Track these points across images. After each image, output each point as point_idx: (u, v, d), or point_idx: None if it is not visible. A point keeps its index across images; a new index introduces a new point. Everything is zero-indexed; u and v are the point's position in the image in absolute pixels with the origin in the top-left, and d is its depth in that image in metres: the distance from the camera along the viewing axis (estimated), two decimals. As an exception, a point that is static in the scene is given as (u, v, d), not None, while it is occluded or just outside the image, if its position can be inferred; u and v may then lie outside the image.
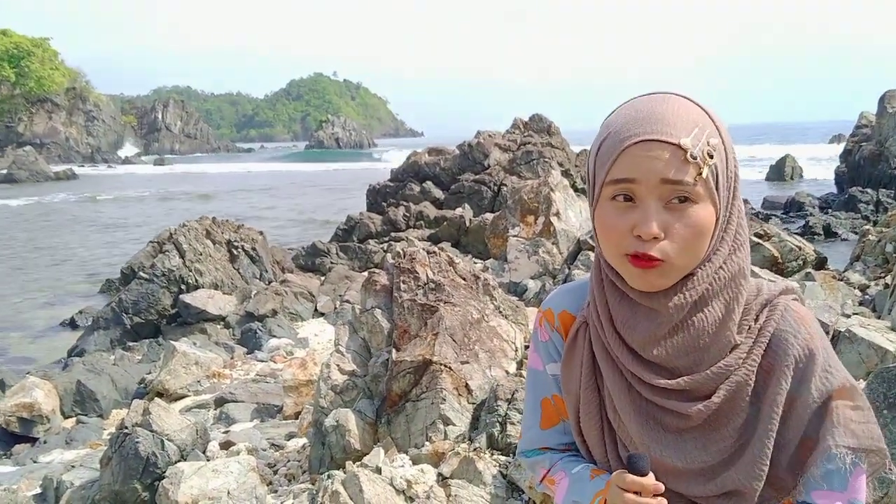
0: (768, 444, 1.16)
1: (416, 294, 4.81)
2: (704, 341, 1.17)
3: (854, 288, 7.45)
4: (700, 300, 1.17)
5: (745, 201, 24.43)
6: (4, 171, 54.96)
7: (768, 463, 1.17)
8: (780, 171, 36.37)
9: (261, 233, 14.85)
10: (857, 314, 5.99)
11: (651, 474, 1.14)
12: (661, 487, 1.13)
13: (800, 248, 7.81)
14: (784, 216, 22.20)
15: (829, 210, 22.26)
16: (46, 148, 75.54)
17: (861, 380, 4.57)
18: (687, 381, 1.18)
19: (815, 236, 18.10)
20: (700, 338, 1.17)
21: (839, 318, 5.67)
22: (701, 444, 1.18)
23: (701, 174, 1.11)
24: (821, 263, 8.28)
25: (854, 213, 20.98)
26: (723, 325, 1.18)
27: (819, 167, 37.59)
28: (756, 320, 1.21)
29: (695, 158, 1.10)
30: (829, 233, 18.83)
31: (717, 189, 1.14)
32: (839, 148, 32.18)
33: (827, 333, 5.04)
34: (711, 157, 1.12)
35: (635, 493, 1.14)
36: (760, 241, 7.40)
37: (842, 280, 7.55)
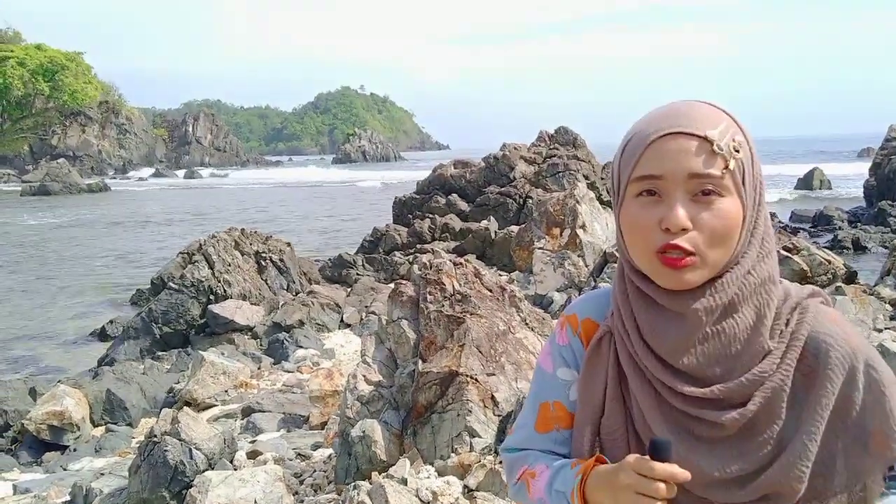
0: (811, 447, 1.13)
1: (443, 305, 4.82)
2: (736, 349, 1.16)
3: (885, 302, 7.36)
4: (730, 306, 1.16)
5: (773, 215, 24.25)
6: (38, 184, 55.91)
7: (810, 464, 1.14)
8: (808, 184, 36.08)
9: (288, 244, 14.97)
10: (888, 329, 5.92)
11: (675, 464, 1.10)
12: (689, 476, 1.09)
13: (829, 262, 7.73)
14: (812, 230, 21.98)
15: (859, 224, 21.98)
16: (79, 160, 76.67)
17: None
18: (721, 390, 1.16)
19: (844, 250, 17.87)
20: (732, 345, 1.15)
21: (871, 332, 5.60)
22: (737, 453, 1.15)
23: (728, 167, 1.11)
24: (851, 277, 8.19)
25: (884, 226, 20.71)
26: (755, 331, 1.16)
27: (848, 182, 37.19)
28: (787, 324, 1.18)
29: (721, 150, 1.11)
30: (859, 247, 18.58)
31: (743, 185, 1.14)
32: (868, 164, 31.80)
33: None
34: (738, 151, 1.13)
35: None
36: (789, 254, 7.33)
37: (872, 294, 7.46)
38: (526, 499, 1.34)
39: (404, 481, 3.96)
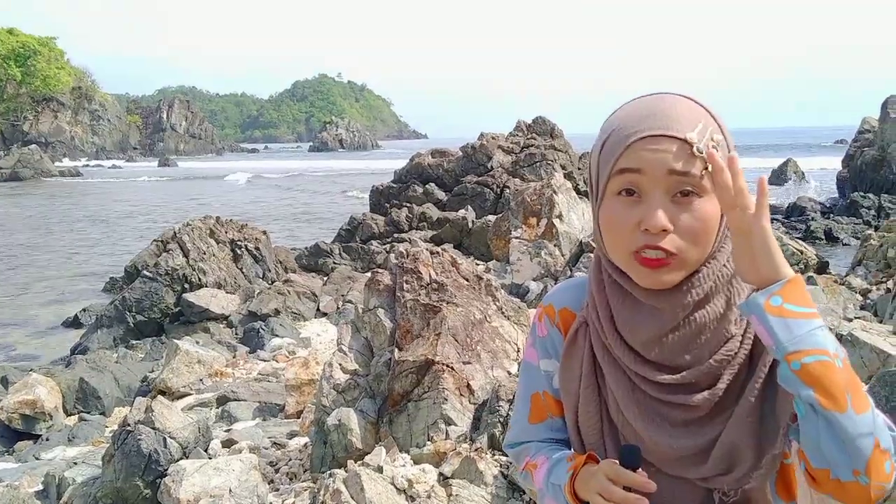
0: (750, 399, 1.16)
1: (419, 294, 4.83)
2: (706, 337, 1.18)
3: (856, 292, 7.46)
4: (703, 297, 1.18)
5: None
6: (9, 170, 55.12)
7: (757, 417, 1.17)
8: (782, 175, 36.33)
9: (264, 232, 14.87)
10: (858, 318, 6.01)
11: (642, 471, 1.15)
12: (654, 487, 1.13)
13: (801, 252, 7.83)
14: (785, 220, 22.19)
15: (831, 215, 22.24)
16: (52, 146, 75.73)
17: (864, 383, 4.58)
18: (691, 374, 1.18)
19: (817, 241, 18.08)
20: (702, 334, 1.18)
21: (841, 321, 5.68)
22: (709, 430, 1.19)
23: (707, 168, 1.12)
24: (822, 267, 8.31)
25: (856, 218, 20.96)
26: (723, 318, 1.19)
27: (822, 174, 37.54)
28: None
29: (701, 153, 1.11)
30: (831, 238, 18.81)
31: None
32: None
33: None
34: (716, 150, 1.13)
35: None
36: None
37: (843, 284, 7.56)
38: (532, 486, 1.40)
39: (380, 469, 3.97)
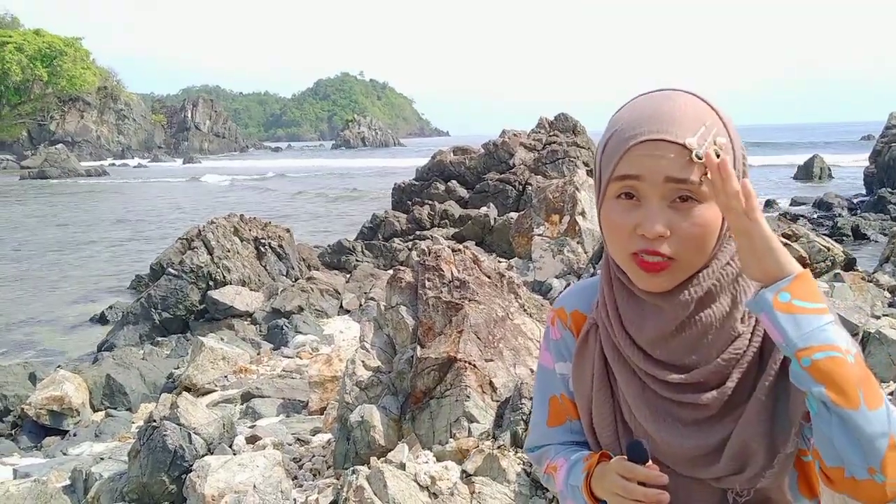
0: (761, 397, 1.15)
1: (441, 291, 4.83)
2: (712, 336, 1.17)
3: (884, 289, 7.36)
4: (707, 296, 1.17)
5: (773, 202, 24.20)
6: (37, 169, 55.88)
7: (768, 415, 1.15)
8: (808, 171, 35.96)
9: (287, 230, 14.94)
10: (887, 315, 5.93)
11: (651, 462, 1.14)
12: (666, 479, 1.13)
13: (828, 249, 7.74)
14: (812, 217, 21.95)
15: (858, 211, 21.95)
16: (78, 146, 76.57)
17: (892, 381, 4.53)
18: (699, 373, 1.18)
19: (844, 237, 17.80)
20: (707, 333, 1.17)
21: (869, 319, 5.61)
22: (720, 429, 1.18)
23: (707, 174, 1.10)
24: (850, 264, 8.20)
25: (883, 214, 20.66)
26: (729, 317, 1.18)
27: (849, 171, 37.09)
28: None
29: (700, 159, 1.09)
30: (858, 234, 18.52)
31: None
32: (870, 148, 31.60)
33: (856, 335, 5.01)
34: (718, 156, 1.09)
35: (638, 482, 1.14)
36: (788, 241, 7.34)
37: (871, 281, 7.46)
38: (555, 488, 1.40)
39: (402, 466, 3.98)
